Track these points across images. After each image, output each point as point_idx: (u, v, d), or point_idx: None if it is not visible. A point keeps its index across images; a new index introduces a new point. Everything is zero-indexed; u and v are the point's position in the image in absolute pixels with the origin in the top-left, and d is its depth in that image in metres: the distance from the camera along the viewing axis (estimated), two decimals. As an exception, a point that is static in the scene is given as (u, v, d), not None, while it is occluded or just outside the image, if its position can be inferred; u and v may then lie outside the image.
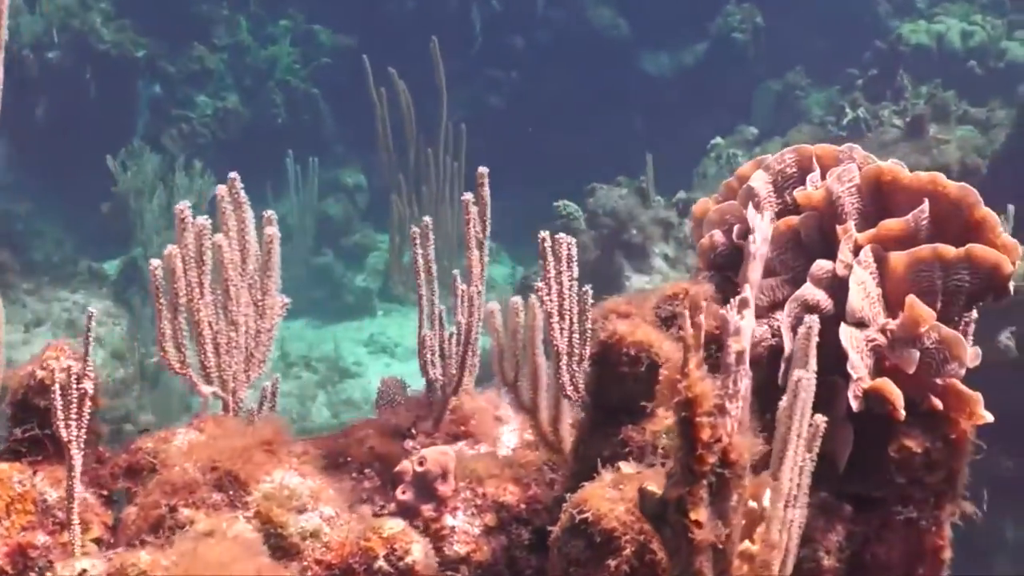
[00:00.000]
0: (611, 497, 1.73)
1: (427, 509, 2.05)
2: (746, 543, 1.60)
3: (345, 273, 10.08)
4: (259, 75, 10.82)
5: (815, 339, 1.78)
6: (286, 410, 7.84)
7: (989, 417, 2.05)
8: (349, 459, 2.18)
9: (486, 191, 2.25)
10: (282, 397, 7.85)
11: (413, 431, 2.26)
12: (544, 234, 1.98)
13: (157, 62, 10.48)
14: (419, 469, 2.05)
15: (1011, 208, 6.98)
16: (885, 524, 2.05)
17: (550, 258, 1.98)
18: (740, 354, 1.48)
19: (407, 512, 2.04)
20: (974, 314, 2.24)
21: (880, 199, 2.11)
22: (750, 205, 2.15)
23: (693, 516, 1.49)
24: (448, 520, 2.05)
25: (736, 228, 2.13)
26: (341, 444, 2.21)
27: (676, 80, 10.99)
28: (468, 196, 2.25)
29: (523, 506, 2.10)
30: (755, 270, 1.54)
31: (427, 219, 2.25)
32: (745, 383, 1.51)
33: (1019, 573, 6.65)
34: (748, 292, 1.50)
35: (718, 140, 9.01)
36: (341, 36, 10.87)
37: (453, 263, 8.52)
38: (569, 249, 1.99)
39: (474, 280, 2.28)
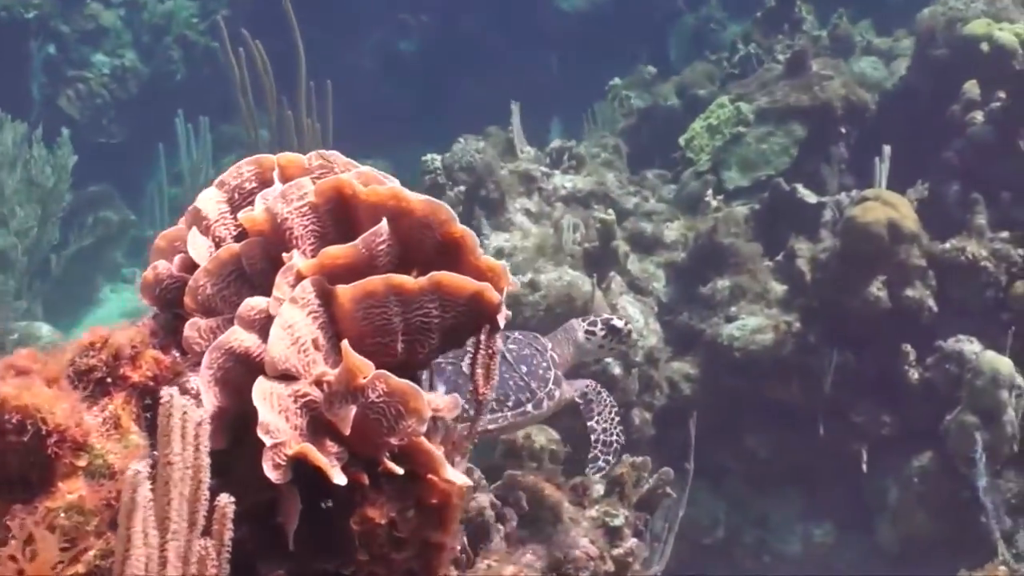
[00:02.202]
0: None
1: None
2: None
3: (249, 233, 9.76)
4: (157, 31, 10.43)
5: (180, 412, 1.49)
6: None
7: (460, 479, 1.72)
8: None
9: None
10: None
11: None
12: None
13: (50, 22, 10.11)
14: None
15: (887, 149, 6.61)
16: (357, 609, 1.74)
17: None
18: None
19: None
20: (498, 345, 1.89)
21: (346, 220, 1.77)
22: (193, 230, 1.81)
23: None
24: None
25: (178, 258, 1.80)
26: None
27: (591, 16, 10.54)
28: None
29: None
30: None
31: None
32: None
33: (901, 533, 6.35)
34: None
35: (616, 81, 8.60)
36: (239, -14, 10.46)
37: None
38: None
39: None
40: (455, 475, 1.71)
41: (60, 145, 7.73)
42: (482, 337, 1.81)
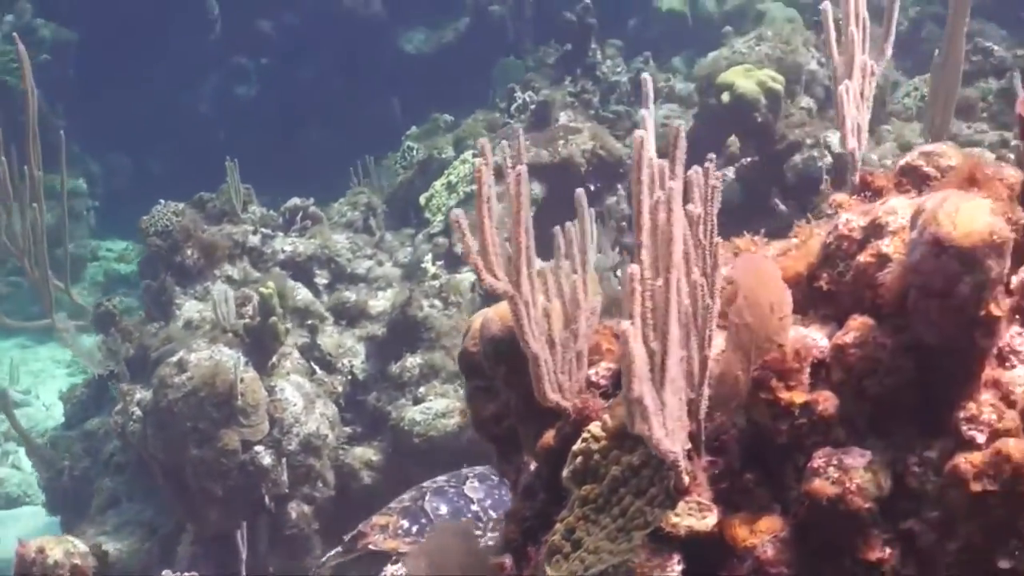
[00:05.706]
0: None
1: None
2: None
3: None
4: (-27, 77, 10.06)
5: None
6: None
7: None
8: None
9: None
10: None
11: None
12: None
13: None
14: None
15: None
16: None
17: None
18: None
19: None
20: None
21: None
22: None
23: None
24: None
25: None
26: None
27: (437, 58, 10.00)
28: None
29: None
30: None
31: None
32: None
33: None
34: None
35: (412, 130, 8.06)
36: (64, 30, 10.03)
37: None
38: None
39: None
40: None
41: None
42: None
